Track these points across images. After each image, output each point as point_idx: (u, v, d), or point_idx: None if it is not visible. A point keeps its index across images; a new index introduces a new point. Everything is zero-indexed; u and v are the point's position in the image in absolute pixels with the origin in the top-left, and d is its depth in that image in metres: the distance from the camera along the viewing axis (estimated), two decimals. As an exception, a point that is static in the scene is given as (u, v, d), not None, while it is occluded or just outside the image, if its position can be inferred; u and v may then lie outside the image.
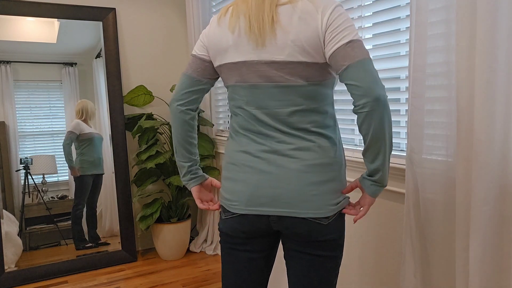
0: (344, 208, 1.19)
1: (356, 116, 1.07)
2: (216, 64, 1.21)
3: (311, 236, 1.15)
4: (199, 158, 1.37)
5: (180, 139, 1.28)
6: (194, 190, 1.35)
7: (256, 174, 1.16)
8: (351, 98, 1.92)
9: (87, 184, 2.91)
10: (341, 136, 1.96)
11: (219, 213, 1.30)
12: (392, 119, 1.68)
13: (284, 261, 1.29)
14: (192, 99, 1.25)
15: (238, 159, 1.20)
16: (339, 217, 1.18)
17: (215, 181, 1.40)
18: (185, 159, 1.31)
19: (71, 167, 2.84)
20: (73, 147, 2.85)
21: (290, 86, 1.11)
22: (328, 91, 1.16)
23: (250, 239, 1.24)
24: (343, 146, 1.85)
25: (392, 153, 1.68)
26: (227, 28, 1.15)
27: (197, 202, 1.37)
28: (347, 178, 1.88)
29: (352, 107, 1.09)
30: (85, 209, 2.92)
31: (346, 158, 1.85)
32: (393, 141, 1.12)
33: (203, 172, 1.36)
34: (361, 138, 1.84)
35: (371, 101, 1.02)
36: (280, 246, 2.08)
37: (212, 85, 1.29)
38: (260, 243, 1.26)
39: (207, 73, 1.24)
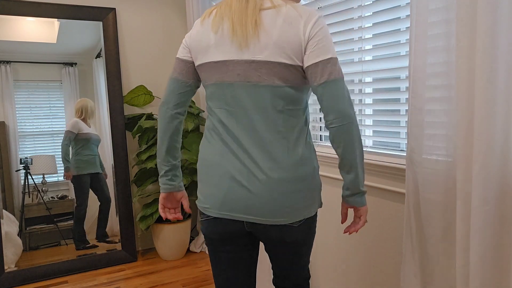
0: (315, 214, 1.26)
1: (329, 131, 1.14)
2: (197, 63, 1.23)
3: (283, 238, 1.22)
4: (180, 163, 1.39)
5: (165, 142, 1.31)
6: (161, 195, 1.39)
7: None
8: (351, 98, 1.92)
9: (85, 183, 2.91)
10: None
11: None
12: (392, 119, 1.69)
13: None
14: (180, 102, 1.28)
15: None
16: (309, 218, 1.24)
17: (186, 203, 1.43)
18: (165, 162, 1.34)
19: (66, 168, 2.83)
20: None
21: (266, 86, 1.14)
22: (304, 96, 1.19)
23: (227, 240, 1.29)
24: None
25: (392, 153, 1.68)
26: (210, 28, 1.18)
27: (159, 207, 1.40)
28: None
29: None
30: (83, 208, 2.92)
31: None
32: (363, 154, 1.19)
33: (182, 181, 1.42)
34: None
35: (340, 118, 1.10)
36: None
37: (198, 87, 1.31)
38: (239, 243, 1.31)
39: (191, 74, 1.27)
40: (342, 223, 1.31)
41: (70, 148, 2.85)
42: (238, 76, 1.15)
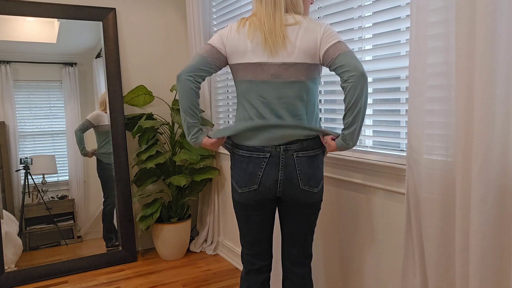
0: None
1: (344, 87, 1.40)
2: (232, 61, 1.56)
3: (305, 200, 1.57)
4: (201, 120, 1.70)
5: (188, 103, 1.54)
6: (204, 140, 1.61)
7: None
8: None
9: (109, 172, 2.94)
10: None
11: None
12: (392, 119, 1.69)
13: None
14: (199, 74, 1.54)
15: None
16: (322, 185, 1.60)
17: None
18: (194, 119, 1.57)
19: (83, 150, 2.89)
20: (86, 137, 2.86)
21: (294, 81, 1.49)
22: (316, 87, 1.55)
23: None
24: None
25: (392, 153, 1.68)
26: (246, 36, 1.51)
27: (210, 146, 1.62)
28: (345, 178, 1.89)
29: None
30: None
31: (345, 158, 1.85)
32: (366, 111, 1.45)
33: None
34: (361, 138, 1.85)
35: (357, 75, 1.37)
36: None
37: (216, 72, 1.59)
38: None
39: (218, 62, 1.56)
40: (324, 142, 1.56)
41: (96, 141, 2.90)
42: (272, 76, 1.49)
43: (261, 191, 1.54)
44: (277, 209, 1.80)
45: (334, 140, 1.51)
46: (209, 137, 1.61)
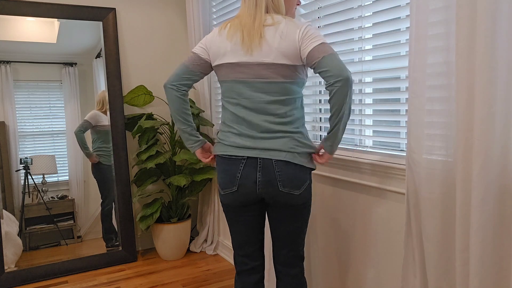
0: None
1: (329, 91, 1.41)
2: (215, 63, 1.57)
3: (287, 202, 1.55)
4: (195, 126, 1.72)
5: (177, 110, 1.61)
6: (197, 152, 1.69)
7: None
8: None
9: (108, 174, 2.93)
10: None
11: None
12: (392, 119, 1.69)
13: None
14: (182, 83, 1.59)
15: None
16: (307, 187, 1.56)
17: (212, 147, 1.76)
18: (184, 125, 1.63)
19: (87, 154, 2.89)
20: (86, 137, 2.86)
21: (272, 82, 1.49)
22: (298, 88, 1.53)
23: None
24: (345, 146, 1.88)
25: (392, 153, 1.68)
26: (226, 37, 1.53)
27: (202, 159, 1.70)
28: (345, 178, 1.88)
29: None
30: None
31: (345, 158, 1.85)
32: (350, 113, 1.49)
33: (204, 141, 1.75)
34: (361, 138, 1.85)
35: (343, 80, 1.37)
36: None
37: (202, 78, 1.64)
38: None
39: (201, 68, 1.60)
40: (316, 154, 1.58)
41: (92, 141, 2.88)
42: (250, 75, 1.50)
43: (241, 192, 1.54)
44: None
45: (319, 154, 1.56)
46: (203, 146, 1.70)
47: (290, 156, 1.48)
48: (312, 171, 2.08)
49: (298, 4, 1.66)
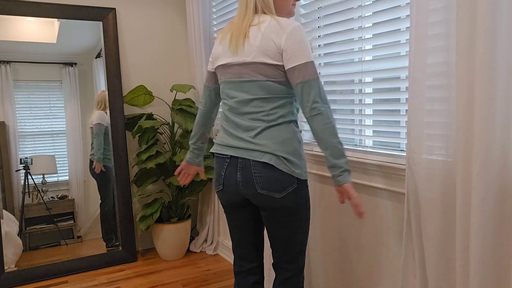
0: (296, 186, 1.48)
1: (307, 121, 1.41)
2: (214, 68, 1.63)
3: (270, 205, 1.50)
4: (206, 147, 1.84)
5: (200, 130, 1.78)
6: (183, 163, 1.83)
7: None
8: (350, 99, 1.92)
9: (111, 177, 2.94)
10: (341, 136, 1.96)
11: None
12: (392, 119, 1.69)
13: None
14: (210, 101, 1.73)
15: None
16: (292, 191, 1.46)
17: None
18: (195, 145, 1.80)
19: (99, 160, 2.91)
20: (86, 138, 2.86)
21: (254, 81, 1.46)
22: (287, 89, 1.47)
23: None
24: (345, 146, 1.88)
25: (392, 153, 1.68)
26: (219, 42, 1.58)
27: (178, 169, 1.84)
28: (353, 180, 1.88)
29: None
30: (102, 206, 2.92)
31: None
32: (338, 143, 1.40)
33: (202, 159, 1.88)
34: (361, 138, 1.85)
35: (319, 113, 1.37)
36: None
37: (218, 88, 1.69)
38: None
39: (213, 80, 1.69)
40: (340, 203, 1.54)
41: (96, 144, 2.90)
42: (235, 75, 1.50)
43: (226, 192, 1.54)
44: None
45: (339, 184, 1.41)
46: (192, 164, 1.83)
47: (267, 157, 1.42)
48: (310, 172, 2.08)
49: (293, 4, 1.56)
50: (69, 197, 2.87)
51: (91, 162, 2.92)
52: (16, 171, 2.70)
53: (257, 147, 1.44)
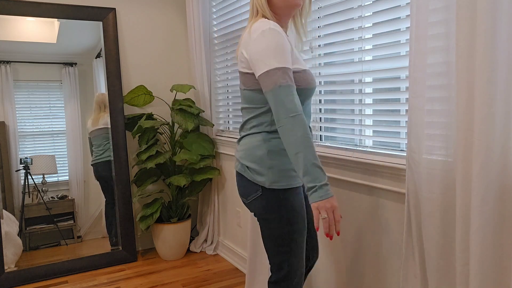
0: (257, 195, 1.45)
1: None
2: None
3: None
4: None
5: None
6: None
7: None
8: (350, 99, 1.92)
9: (107, 173, 2.96)
10: (341, 136, 1.96)
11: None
12: (392, 119, 1.69)
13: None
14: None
15: None
16: (257, 198, 1.43)
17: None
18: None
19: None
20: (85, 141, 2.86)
21: (241, 89, 1.49)
22: (259, 95, 1.42)
23: None
24: (345, 146, 1.86)
25: (392, 153, 1.68)
26: None
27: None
28: (345, 178, 1.88)
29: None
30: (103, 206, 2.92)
31: (345, 158, 1.85)
32: (301, 157, 1.26)
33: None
34: (361, 138, 1.85)
35: (277, 121, 1.29)
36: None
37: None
38: None
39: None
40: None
41: (97, 145, 2.91)
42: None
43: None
44: None
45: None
46: None
47: (237, 165, 1.52)
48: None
49: (291, 7, 1.45)
50: (69, 197, 2.87)
51: (97, 165, 2.92)
52: (16, 171, 2.70)
53: (236, 156, 1.53)
